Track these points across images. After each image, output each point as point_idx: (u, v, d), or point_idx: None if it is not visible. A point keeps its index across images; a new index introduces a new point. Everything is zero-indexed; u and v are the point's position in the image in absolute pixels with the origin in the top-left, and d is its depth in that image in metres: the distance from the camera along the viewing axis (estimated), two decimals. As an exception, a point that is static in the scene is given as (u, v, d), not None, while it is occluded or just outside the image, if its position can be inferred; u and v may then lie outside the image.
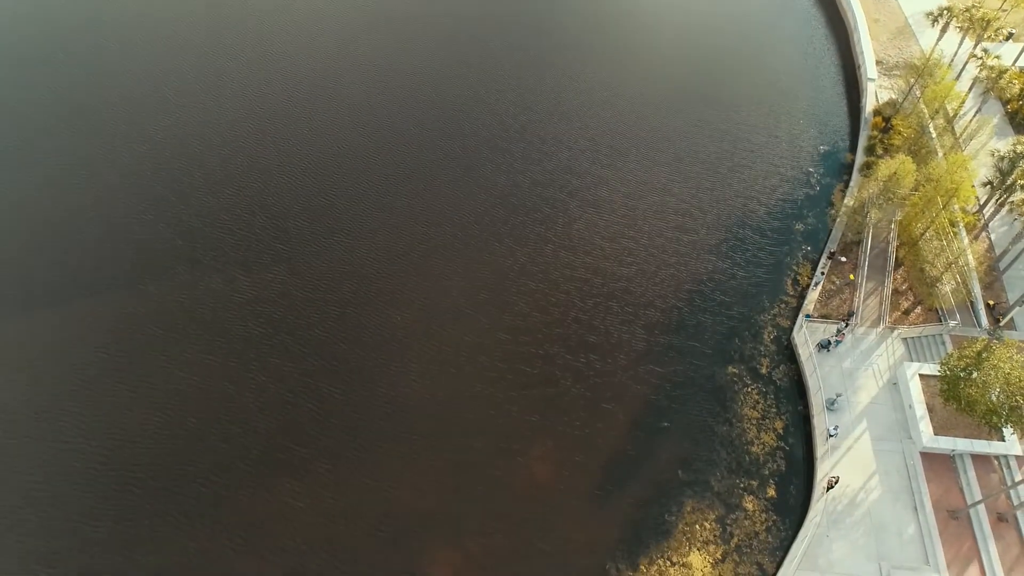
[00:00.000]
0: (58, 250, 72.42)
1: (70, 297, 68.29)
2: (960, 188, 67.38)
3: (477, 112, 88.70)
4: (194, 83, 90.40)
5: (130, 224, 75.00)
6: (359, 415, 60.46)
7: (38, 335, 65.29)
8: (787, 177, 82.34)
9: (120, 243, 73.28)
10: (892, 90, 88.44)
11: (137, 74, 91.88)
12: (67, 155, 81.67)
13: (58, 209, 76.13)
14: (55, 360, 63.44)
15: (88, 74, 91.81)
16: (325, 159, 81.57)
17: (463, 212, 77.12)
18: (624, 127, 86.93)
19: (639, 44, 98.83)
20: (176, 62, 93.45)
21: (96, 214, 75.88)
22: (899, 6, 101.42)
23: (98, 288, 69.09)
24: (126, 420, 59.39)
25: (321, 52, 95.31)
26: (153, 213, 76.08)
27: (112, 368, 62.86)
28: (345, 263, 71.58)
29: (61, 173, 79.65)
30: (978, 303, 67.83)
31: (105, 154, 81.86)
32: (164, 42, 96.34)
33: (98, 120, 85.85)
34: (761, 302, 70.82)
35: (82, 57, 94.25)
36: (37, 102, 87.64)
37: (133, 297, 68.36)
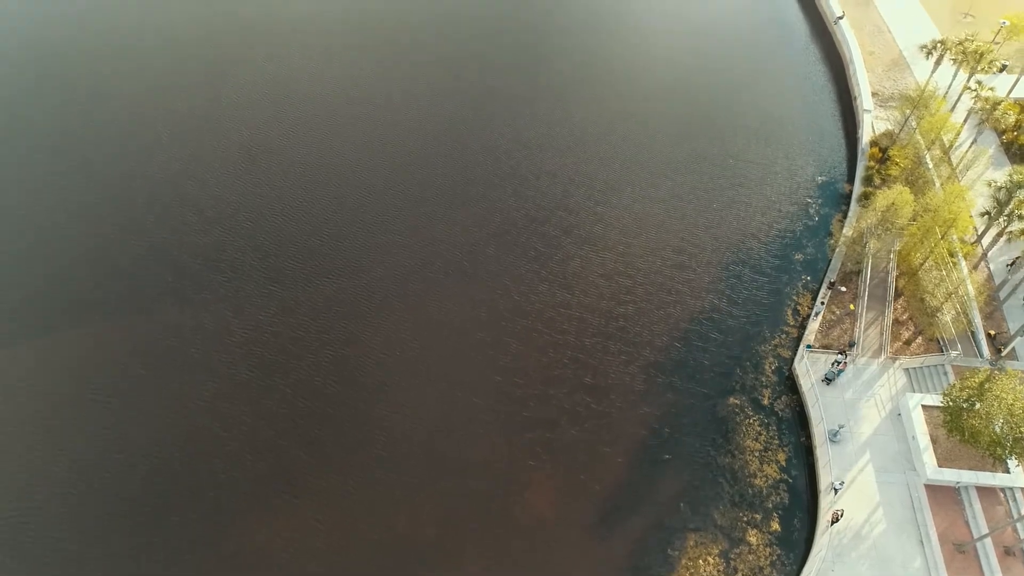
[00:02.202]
0: (43, 283, 72.53)
1: (53, 333, 68.10)
2: (958, 218, 67.70)
3: (470, 148, 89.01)
4: (188, 120, 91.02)
5: (119, 260, 75.01)
6: (352, 457, 59.80)
7: (17, 370, 65.01)
8: (785, 208, 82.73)
9: (108, 279, 73.26)
10: (888, 121, 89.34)
11: (133, 109, 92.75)
12: (57, 187, 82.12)
13: (46, 242, 76.35)
14: (34, 398, 63.01)
15: (83, 107, 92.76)
16: (317, 198, 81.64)
17: (456, 250, 76.92)
18: (619, 162, 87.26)
19: (634, 79, 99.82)
20: (172, 99, 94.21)
21: (84, 248, 75.99)
22: (893, 39, 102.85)
23: (82, 325, 68.91)
24: (109, 463, 58.78)
25: (314, 91, 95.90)
26: (143, 250, 76.13)
27: (95, 409, 62.37)
28: (338, 303, 71.31)
29: (49, 206, 80.00)
30: (979, 333, 67.82)
31: (96, 188, 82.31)
32: (160, 78, 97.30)
33: (91, 154, 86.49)
34: (762, 333, 70.71)
35: (77, 89, 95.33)
36: (31, 133, 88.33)
37: (119, 336, 68.12)
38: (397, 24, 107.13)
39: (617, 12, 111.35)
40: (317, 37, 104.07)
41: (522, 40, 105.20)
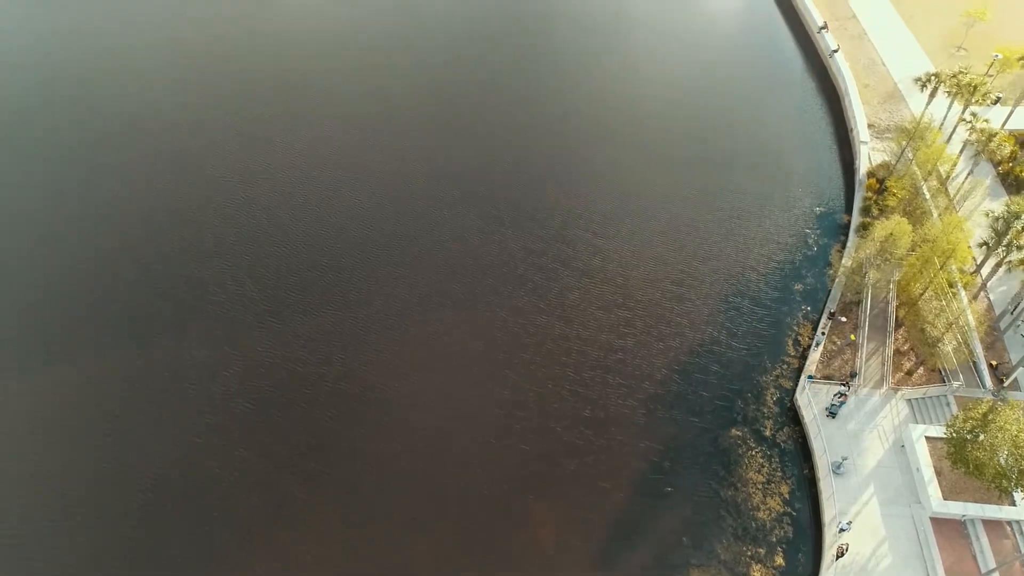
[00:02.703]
0: (38, 315, 72.48)
1: (49, 366, 67.97)
2: (956, 248, 67.91)
3: (467, 180, 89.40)
4: (187, 151, 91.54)
5: (116, 291, 75.00)
6: (348, 493, 59.24)
7: (11, 403, 64.76)
8: (784, 239, 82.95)
9: (105, 311, 73.22)
10: (885, 152, 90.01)
11: (131, 139, 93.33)
12: (55, 218, 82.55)
13: (41, 274, 76.52)
14: (29, 431, 62.66)
15: (81, 136, 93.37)
16: (315, 230, 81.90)
17: (453, 282, 76.97)
18: (617, 194, 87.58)
19: (632, 111, 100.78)
20: (171, 129, 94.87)
21: (80, 281, 76.12)
22: (888, 72, 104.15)
23: (79, 358, 68.75)
24: (103, 497, 58.22)
25: (316, 124, 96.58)
26: (140, 280, 76.15)
27: (91, 443, 61.91)
28: (336, 335, 71.12)
29: (45, 238, 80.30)
30: (980, 364, 67.53)
31: (95, 219, 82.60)
32: (161, 109, 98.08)
33: (89, 185, 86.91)
34: (762, 363, 70.42)
35: (74, 119, 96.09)
36: (28, 162, 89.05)
37: (114, 368, 67.91)
38: (397, 55, 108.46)
39: (616, 47, 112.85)
40: (320, 68, 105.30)
41: (521, 75, 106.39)
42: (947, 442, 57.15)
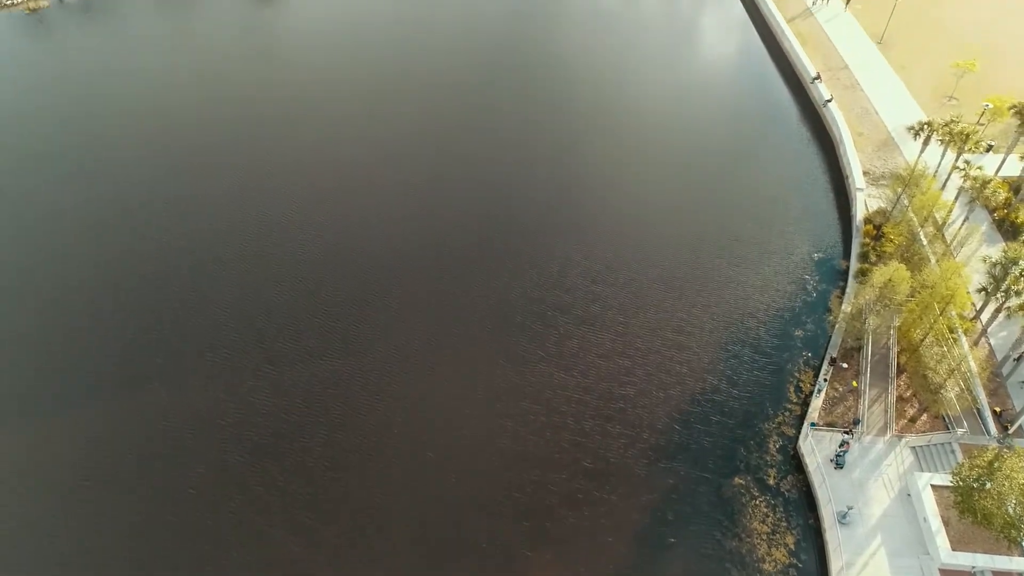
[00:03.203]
0: (30, 366, 72.43)
1: (40, 418, 67.55)
2: (955, 294, 67.94)
3: (466, 228, 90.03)
4: (183, 198, 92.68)
5: (109, 340, 74.90)
6: (344, 546, 58.15)
7: (2, 455, 64.15)
8: (783, 285, 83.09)
9: (97, 358, 73.06)
10: (881, 199, 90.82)
11: (130, 184, 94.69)
12: (50, 265, 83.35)
13: (34, 323, 76.67)
14: (21, 483, 61.92)
15: (79, 178, 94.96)
16: (312, 277, 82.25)
17: (452, 330, 76.89)
18: (616, 241, 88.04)
19: (629, 159, 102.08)
20: (168, 177, 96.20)
21: (74, 329, 76.17)
22: (881, 120, 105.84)
23: (71, 409, 68.45)
24: (94, 549, 57.24)
25: (311, 172, 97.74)
26: (134, 330, 76.15)
27: (83, 494, 61.14)
28: (332, 384, 70.81)
29: (39, 284, 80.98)
30: (984, 410, 66.90)
31: (91, 266, 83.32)
32: (157, 153, 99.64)
33: (86, 230, 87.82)
34: (764, 410, 69.83)
35: (74, 160, 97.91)
36: (26, 204, 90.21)
37: (107, 418, 67.52)
38: (395, 100, 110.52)
39: (612, 93, 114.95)
40: (318, 116, 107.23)
41: (520, 124, 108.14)
42: (954, 491, 56.28)
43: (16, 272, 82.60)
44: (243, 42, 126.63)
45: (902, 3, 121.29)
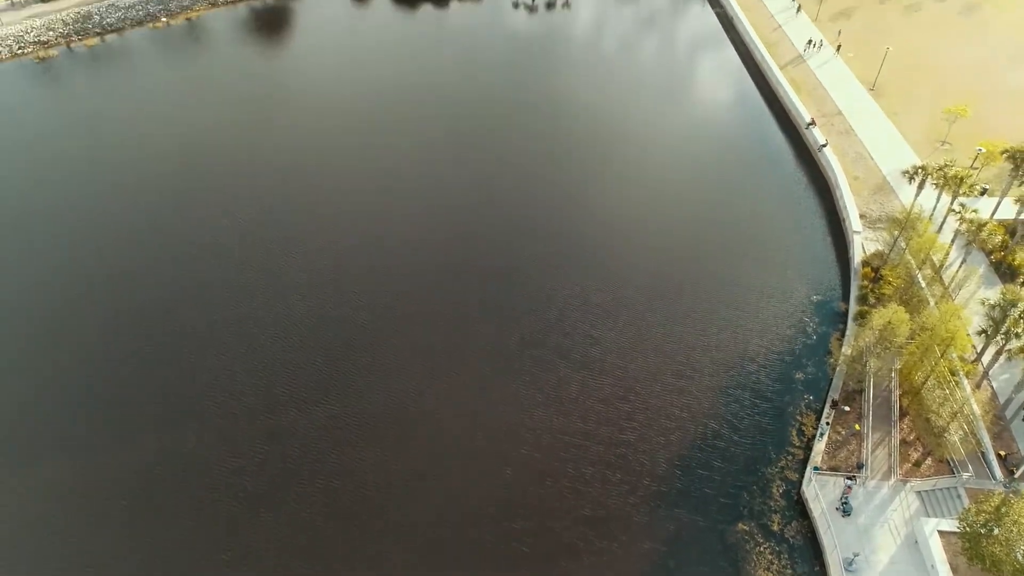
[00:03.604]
0: (19, 410, 71.94)
1: (30, 465, 66.75)
2: (955, 337, 67.84)
3: (464, 271, 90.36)
4: (182, 242, 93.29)
5: (101, 387, 74.58)
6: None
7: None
8: (783, 328, 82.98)
9: (89, 406, 72.57)
10: (878, 242, 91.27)
11: (124, 228, 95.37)
12: (43, 306, 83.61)
13: (24, 367, 76.47)
14: (11, 531, 61.24)
15: (74, 225, 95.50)
16: (311, 323, 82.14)
17: (451, 375, 76.58)
18: (615, 285, 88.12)
19: (627, 204, 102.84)
20: (166, 221, 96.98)
21: (66, 374, 75.86)
22: (876, 165, 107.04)
23: (63, 455, 67.80)
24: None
25: (311, 216, 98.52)
26: (128, 371, 75.90)
27: (73, 545, 60.15)
28: (329, 431, 70.28)
29: (32, 325, 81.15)
30: (989, 454, 66.19)
31: (85, 309, 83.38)
32: (161, 198, 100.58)
33: (81, 274, 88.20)
34: (767, 455, 69.12)
35: (68, 203, 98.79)
36: (22, 246, 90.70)
37: (98, 465, 66.75)
38: (397, 151, 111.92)
39: (611, 140, 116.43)
40: (319, 160, 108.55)
41: (518, 172, 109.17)
42: (961, 537, 55.32)
43: (12, 311, 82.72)
44: (248, 88, 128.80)
45: (893, 51, 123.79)
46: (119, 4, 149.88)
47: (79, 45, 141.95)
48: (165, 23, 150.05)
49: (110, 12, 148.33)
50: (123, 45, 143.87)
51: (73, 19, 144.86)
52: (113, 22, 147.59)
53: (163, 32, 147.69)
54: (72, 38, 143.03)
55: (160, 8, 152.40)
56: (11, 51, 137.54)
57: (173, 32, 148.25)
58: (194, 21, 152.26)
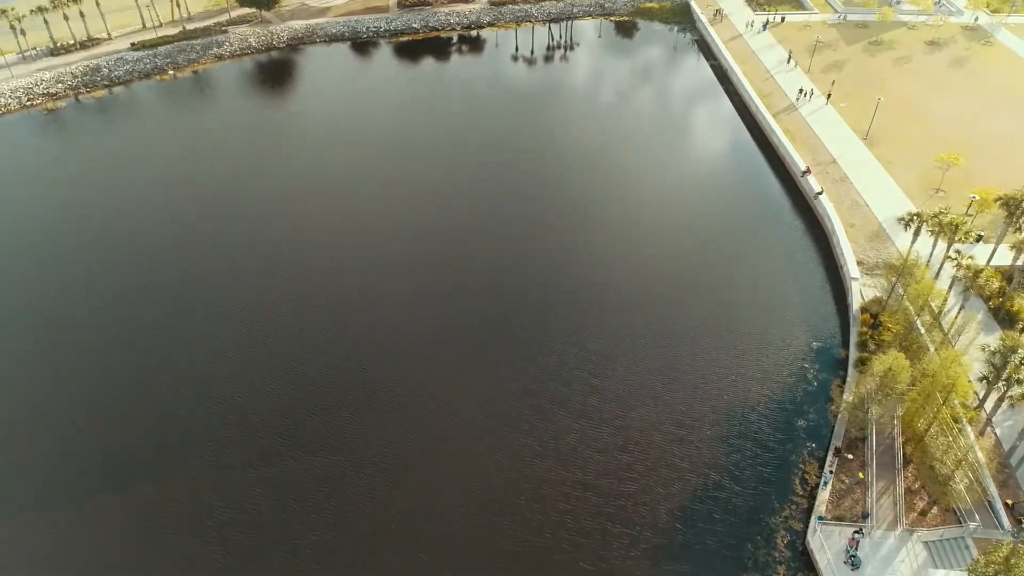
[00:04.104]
0: (5, 460, 71.30)
1: (16, 517, 66.00)
2: (957, 383, 67.68)
3: (461, 318, 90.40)
4: (182, 291, 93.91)
5: (93, 433, 74.13)
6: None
7: None
8: (783, 375, 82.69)
9: (78, 454, 72.02)
10: (876, 288, 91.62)
11: (115, 277, 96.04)
12: (34, 358, 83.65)
13: (10, 416, 76.02)
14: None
15: (65, 275, 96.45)
16: (308, 371, 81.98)
17: (447, 425, 75.96)
18: (613, 332, 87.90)
19: (626, 251, 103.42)
20: (160, 268, 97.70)
21: (56, 422, 75.44)
22: (872, 212, 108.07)
23: (51, 507, 66.90)
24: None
25: (312, 267, 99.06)
26: (120, 420, 75.45)
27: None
28: (325, 481, 69.51)
29: (22, 375, 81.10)
30: (996, 503, 65.30)
31: (77, 357, 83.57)
32: (153, 248, 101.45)
33: (72, 325, 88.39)
34: (770, 504, 68.16)
35: (61, 254, 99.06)
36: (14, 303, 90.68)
37: (86, 515, 65.93)
38: (396, 202, 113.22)
39: (608, 189, 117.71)
40: (317, 210, 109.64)
41: (515, 221, 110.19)
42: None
43: (13, 361, 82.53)
44: (252, 138, 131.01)
45: (884, 101, 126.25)
46: (127, 58, 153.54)
47: (87, 97, 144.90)
48: (172, 76, 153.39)
49: (118, 65, 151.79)
50: (130, 96, 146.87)
51: (82, 72, 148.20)
52: (121, 75, 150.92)
53: (169, 84, 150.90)
54: (80, 90, 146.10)
55: (168, 61, 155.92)
56: (20, 102, 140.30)
57: (179, 84, 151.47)
58: (200, 73, 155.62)
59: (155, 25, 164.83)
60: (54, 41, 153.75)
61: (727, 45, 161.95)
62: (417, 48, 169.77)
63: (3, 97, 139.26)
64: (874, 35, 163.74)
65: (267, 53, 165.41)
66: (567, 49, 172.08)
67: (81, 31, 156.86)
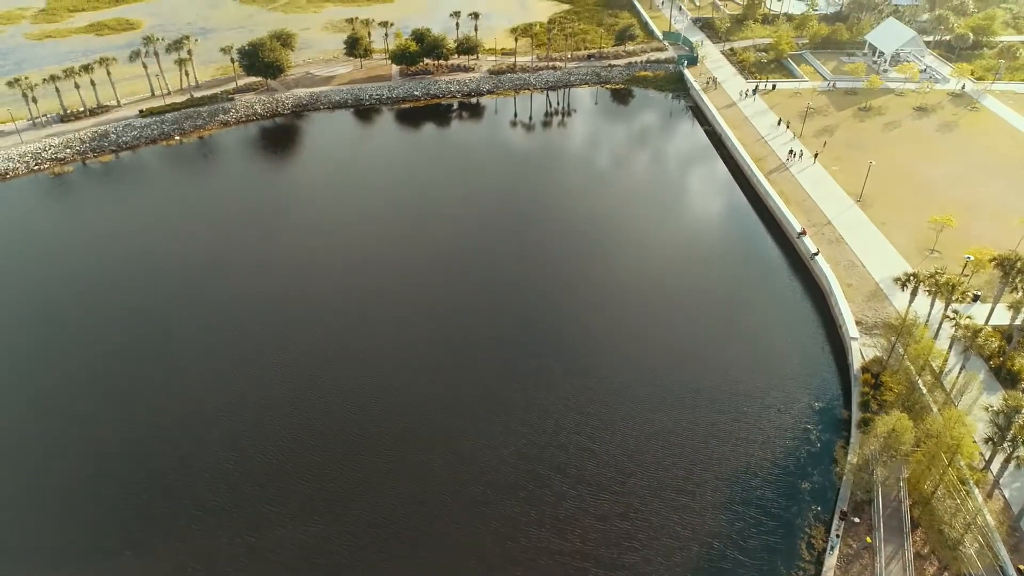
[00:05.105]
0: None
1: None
2: (961, 444, 66.89)
3: (457, 383, 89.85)
4: (184, 358, 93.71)
5: (80, 503, 72.93)
6: None
7: None
8: (786, 438, 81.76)
9: (65, 524, 70.87)
10: (876, 348, 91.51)
11: (125, 346, 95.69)
12: (18, 427, 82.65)
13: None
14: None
15: (50, 342, 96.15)
16: (301, 436, 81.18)
17: (443, 491, 74.73)
18: (611, 395, 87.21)
19: (626, 316, 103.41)
20: (165, 330, 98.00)
21: (38, 491, 74.37)
22: (868, 272, 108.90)
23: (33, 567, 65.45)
24: None
25: (304, 330, 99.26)
26: (107, 488, 74.29)
27: None
28: (316, 552, 68.16)
29: (25, 439, 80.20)
30: (1008, 568, 63.74)
31: (62, 426, 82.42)
32: (155, 312, 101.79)
33: (58, 392, 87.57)
34: (777, 570, 66.57)
35: (49, 329, 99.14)
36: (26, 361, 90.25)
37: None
38: (392, 254, 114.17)
39: (608, 253, 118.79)
40: (316, 276, 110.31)
41: (514, 283, 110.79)
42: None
43: (11, 423, 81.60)
44: (255, 202, 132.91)
45: (877, 164, 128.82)
46: (135, 124, 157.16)
47: (94, 161, 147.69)
48: (178, 141, 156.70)
49: (126, 131, 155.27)
50: (136, 161, 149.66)
51: (90, 138, 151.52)
52: (128, 140, 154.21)
53: (175, 149, 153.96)
54: (88, 155, 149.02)
55: (174, 127, 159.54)
56: (28, 167, 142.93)
57: (185, 149, 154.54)
58: (206, 139, 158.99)
59: (164, 93, 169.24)
60: (64, 108, 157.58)
61: (720, 112, 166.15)
62: (418, 115, 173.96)
63: (11, 162, 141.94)
64: (863, 101, 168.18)
65: (272, 119, 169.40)
66: (564, 116, 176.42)
67: (91, 99, 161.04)
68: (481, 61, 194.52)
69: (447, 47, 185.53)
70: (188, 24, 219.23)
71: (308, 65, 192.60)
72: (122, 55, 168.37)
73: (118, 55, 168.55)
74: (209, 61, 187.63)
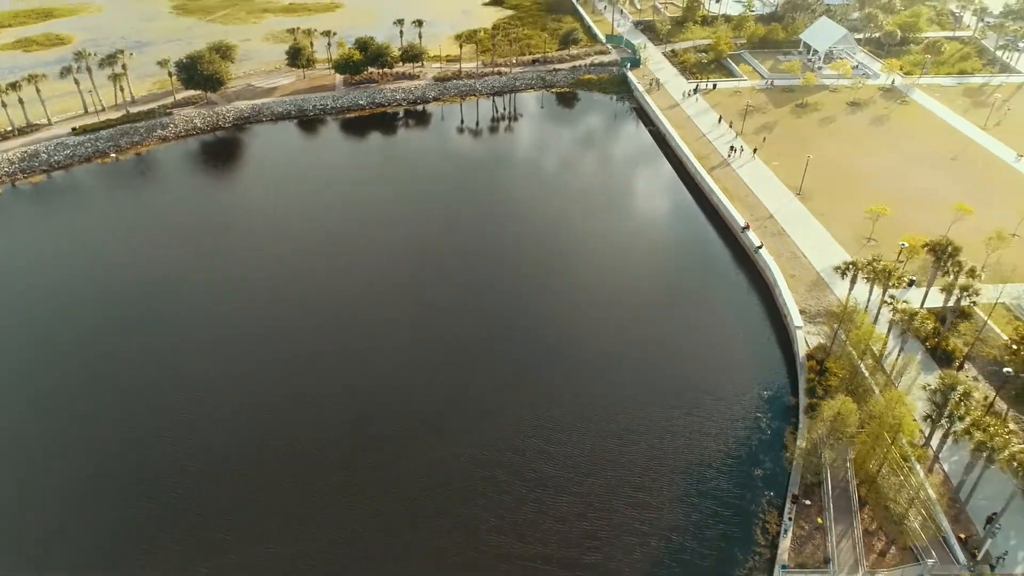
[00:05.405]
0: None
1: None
2: (903, 423, 69.40)
3: (408, 382, 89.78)
4: (129, 382, 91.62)
5: (66, 522, 70.84)
6: None
7: None
8: (738, 428, 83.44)
9: (51, 543, 68.74)
10: (819, 335, 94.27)
11: (90, 366, 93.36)
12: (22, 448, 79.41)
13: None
14: None
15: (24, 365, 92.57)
16: (238, 458, 79.91)
17: (402, 501, 74.09)
18: (567, 398, 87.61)
19: (574, 316, 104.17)
20: (129, 357, 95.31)
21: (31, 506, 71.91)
22: (810, 262, 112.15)
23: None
24: None
25: (253, 347, 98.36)
26: (96, 509, 72.29)
27: None
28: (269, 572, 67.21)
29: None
30: (950, 538, 66.24)
31: (37, 453, 79.63)
32: (95, 335, 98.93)
33: (31, 417, 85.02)
34: (734, 557, 67.94)
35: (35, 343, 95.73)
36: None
37: None
38: (345, 263, 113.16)
39: (555, 256, 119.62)
40: (289, 299, 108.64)
41: (460, 284, 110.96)
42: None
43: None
44: (196, 218, 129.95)
45: (815, 158, 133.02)
46: (68, 142, 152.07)
47: (24, 182, 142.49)
48: (114, 158, 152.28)
49: (58, 150, 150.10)
50: (69, 181, 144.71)
51: (19, 158, 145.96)
52: (61, 159, 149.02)
53: (111, 167, 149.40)
54: (17, 176, 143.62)
55: (110, 144, 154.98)
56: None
57: (122, 167, 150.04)
58: (144, 155, 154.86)
59: (98, 110, 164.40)
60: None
61: (664, 112, 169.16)
62: (364, 124, 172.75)
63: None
64: (799, 98, 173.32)
65: (213, 133, 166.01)
66: (511, 121, 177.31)
67: (20, 117, 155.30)
68: (426, 68, 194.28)
69: (391, 55, 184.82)
70: (122, 38, 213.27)
71: (249, 77, 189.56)
72: (52, 71, 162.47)
73: (48, 71, 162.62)
74: (145, 75, 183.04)
